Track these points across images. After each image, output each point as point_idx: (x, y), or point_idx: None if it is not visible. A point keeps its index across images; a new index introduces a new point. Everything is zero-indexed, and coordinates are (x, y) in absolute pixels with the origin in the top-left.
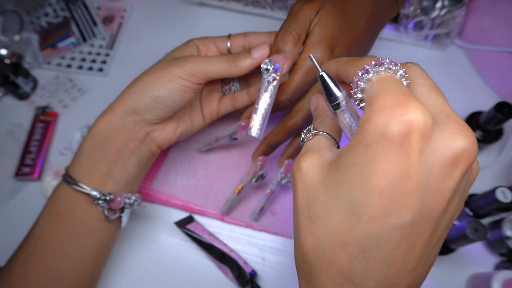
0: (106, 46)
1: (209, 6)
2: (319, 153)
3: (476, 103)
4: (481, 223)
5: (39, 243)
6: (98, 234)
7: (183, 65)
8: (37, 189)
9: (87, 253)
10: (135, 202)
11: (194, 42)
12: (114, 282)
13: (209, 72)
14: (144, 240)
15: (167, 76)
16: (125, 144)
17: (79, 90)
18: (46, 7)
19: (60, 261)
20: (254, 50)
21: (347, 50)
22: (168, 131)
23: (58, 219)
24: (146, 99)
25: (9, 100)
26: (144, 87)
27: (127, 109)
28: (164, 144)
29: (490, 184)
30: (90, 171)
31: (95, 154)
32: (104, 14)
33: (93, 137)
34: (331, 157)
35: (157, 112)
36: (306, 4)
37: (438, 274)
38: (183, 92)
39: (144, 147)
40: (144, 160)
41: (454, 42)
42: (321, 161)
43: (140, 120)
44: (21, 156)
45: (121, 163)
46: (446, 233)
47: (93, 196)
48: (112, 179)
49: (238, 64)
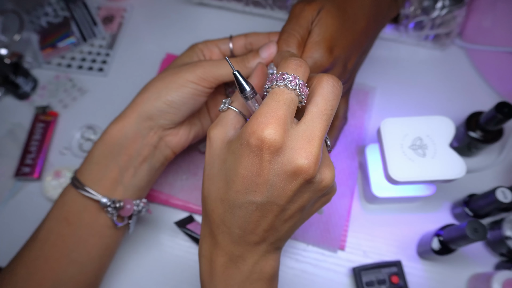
0: (106, 46)
1: (209, 6)
2: (225, 128)
3: (476, 103)
4: (481, 223)
5: (45, 247)
6: (105, 240)
7: (194, 70)
8: (37, 189)
9: (93, 258)
10: (143, 209)
11: (198, 47)
12: (114, 281)
13: (220, 76)
14: (144, 240)
15: (179, 81)
16: (138, 150)
17: (79, 90)
18: (46, 7)
19: (66, 265)
20: (262, 49)
21: (346, 51)
22: (182, 135)
23: (66, 224)
24: (159, 104)
25: (9, 100)
26: (157, 93)
27: (140, 115)
28: (178, 149)
29: (490, 184)
30: (100, 177)
31: (107, 160)
32: (104, 14)
33: (105, 143)
34: (230, 136)
35: (171, 116)
36: (307, 5)
37: (438, 274)
38: (196, 96)
39: (157, 152)
40: (157, 166)
41: (454, 42)
42: (223, 136)
43: (154, 125)
44: (21, 156)
45: (133, 170)
46: (298, 215)
47: (103, 204)
48: (122, 185)
49: (248, 65)
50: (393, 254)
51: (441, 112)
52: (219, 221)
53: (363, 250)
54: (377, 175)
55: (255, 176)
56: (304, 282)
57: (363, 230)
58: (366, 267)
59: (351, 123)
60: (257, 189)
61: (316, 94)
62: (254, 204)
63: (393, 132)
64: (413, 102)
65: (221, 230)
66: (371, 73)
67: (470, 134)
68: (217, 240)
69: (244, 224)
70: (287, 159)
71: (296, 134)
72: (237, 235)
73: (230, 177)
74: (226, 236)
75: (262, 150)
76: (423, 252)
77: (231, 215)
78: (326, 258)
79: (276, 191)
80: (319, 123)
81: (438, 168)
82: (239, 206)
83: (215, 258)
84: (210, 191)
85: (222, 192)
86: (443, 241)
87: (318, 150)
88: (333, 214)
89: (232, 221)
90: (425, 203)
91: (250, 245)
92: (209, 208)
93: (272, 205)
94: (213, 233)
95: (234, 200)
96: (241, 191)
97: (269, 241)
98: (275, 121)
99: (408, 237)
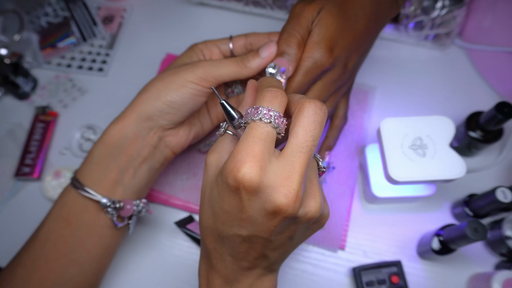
0: (106, 46)
1: (209, 6)
2: (219, 154)
3: (476, 103)
4: (481, 223)
5: (45, 247)
6: (105, 240)
7: (194, 70)
8: (37, 189)
9: (92, 258)
10: (143, 209)
11: (198, 47)
12: (114, 281)
13: (220, 75)
14: (144, 240)
15: (179, 81)
16: (138, 151)
17: (79, 90)
18: (46, 7)
19: (65, 266)
20: (262, 49)
21: (346, 51)
22: (182, 135)
23: (66, 224)
24: (159, 104)
25: (9, 100)
26: (156, 93)
27: (140, 115)
28: (178, 149)
29: (490, 184)
30: (100, 178)
31: (107, 161)
32: (104, 14)
33: (105, 144)
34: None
35: (171, 116)
36: (307, 5)
37: (438, 274)
38: (195, 96)
39: (157, 153)
40: (157, 166)
41: (454, 42)
42: (217, 163)
43: (154, 126)
44: (21, 156)
45: (133, 170)
46: (288, 243)
47: (103, 204)
48: (122, 185)
49: (248, 65)
50: (393, 254)
51: (441, 112)
52: (212, 248)
53: (363, 250)
54: (377, 175)
55: (237, 212)
56: (304, 282)
57: (363, 230)
58: (366, 267)
59: (351, 123)
60: (241, 224)
61: (296, 124)
62: (240, 236)
63: (393, 132)
64: (413, 102)
65: (214, 256)
66: (371, 73)
67: (470, 134)
68: (212, 264)
69: (234, 253)
70: (266, 198)
71: (274, 171)
72: (230, 261)
73: (216, 209)
74: (219, 262)
75: (240, 190)
76: (423, 252)
77: (221, 244)
78: (326, 258)
79: (259, 226)
80: (298, 157)
81: (438, 168)
82: (227, 237)
83: (212, 280)
84: (203, 218)
85: (211, 222)
86: (443, 241)
87: (297, 186)
88: (333, 214)
89: (222, 249)
90: (425, 203)
91: (244, 270)
92: (203, 234)
93: (257, 238)
94: (208, 256)
95: (221, 231)
96: (227, 224)
97: (262, 266)
98: (250, 158)
99: (408, 237)
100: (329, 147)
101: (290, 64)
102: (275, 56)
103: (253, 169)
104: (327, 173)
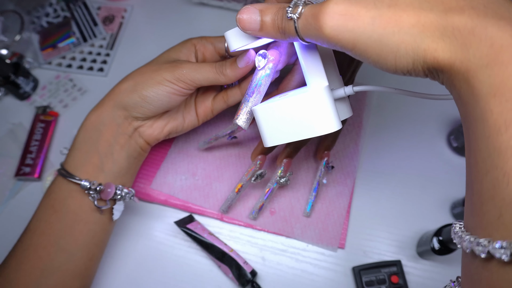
0: (107, 46)
1: (209, 6)
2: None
3: None
4: None
5: (34, 236)
6: (91, 226)
7: (173, 70)
8: (38, 189)
9: (80, 246)
10: (127, 195)
11: (192, 42)
12: (114, 281)
13: (197, 79)
14: (145, 240)
15: (157, 78)
16: (115, 137)
17: (79, 90)
18: (46, 7)
19: (54, 253)
20: (239, 59)
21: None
22: (156, 128)
23: (52, 211)
24: (135, 97)
25: (9, 100)
26: (134, 86)
27: (116, 104)
28: (151, 140)
29: None
30: (82, 163)
31: (87, 146)
32: (104, 14)
33: (85, 128)
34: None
35: (144, 110)
36: None
37: (438, 274)
38: (171, 94)
39: (132, 142)
40: (134, 155)
41: None
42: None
43: (128, 115)
44: (21, 156)
45: (112, 157)
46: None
47: (83, 186)
48: (103, 172)
49: (225, 73)
50: (393, 254)
51: (441, 111)
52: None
53: (363, 250)
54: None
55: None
56: (304, 281)
57: (363, 229)
58: (366, 266)
59: (350, 122)
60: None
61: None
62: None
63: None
64: (412, 101)
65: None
66: (371, 73)
67: None
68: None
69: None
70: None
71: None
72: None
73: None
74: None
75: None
76: (423, 252)
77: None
78: (326, 258)
79: None
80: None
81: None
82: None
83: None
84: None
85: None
86: (443, 241)
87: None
88: (332, 213)
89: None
90: (425, 203)
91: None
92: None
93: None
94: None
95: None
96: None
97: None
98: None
99: (408, 237)
100: (328, 147)
101: (280, 55)
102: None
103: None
104: (327, 173)
